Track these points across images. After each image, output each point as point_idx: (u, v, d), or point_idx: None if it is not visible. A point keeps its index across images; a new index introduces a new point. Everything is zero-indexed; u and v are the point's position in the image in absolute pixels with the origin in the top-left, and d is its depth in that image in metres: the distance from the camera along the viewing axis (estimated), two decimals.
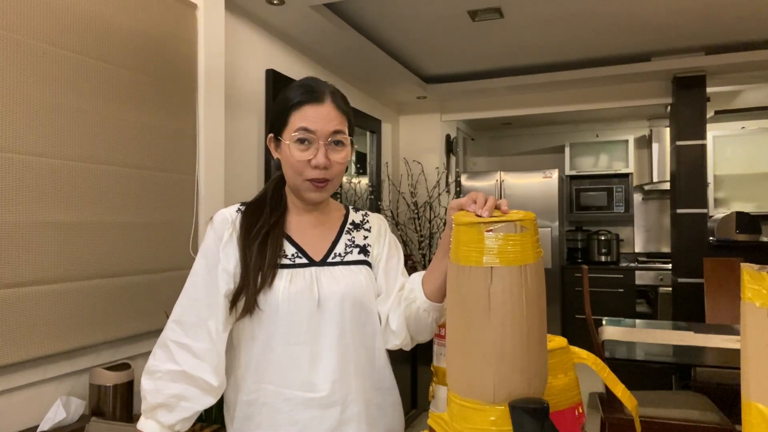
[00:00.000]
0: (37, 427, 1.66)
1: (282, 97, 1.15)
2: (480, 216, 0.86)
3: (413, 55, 4.12)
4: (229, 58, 2.72)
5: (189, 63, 2.29)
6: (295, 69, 3.42)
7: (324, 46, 3.55)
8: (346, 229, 1.23)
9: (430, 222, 4.81)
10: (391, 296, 1.18)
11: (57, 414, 1.66)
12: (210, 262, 1.12)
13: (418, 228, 4.77)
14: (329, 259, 1.16)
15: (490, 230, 0.81)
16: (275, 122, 1.15)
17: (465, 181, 5.60)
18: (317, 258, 1.15)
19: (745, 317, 0.63)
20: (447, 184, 5.14)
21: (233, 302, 1.10)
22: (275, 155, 1.18)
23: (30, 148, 1.66)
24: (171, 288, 2.15)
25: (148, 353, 2.17)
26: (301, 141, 1.10)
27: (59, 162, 1.74)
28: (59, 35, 1.75)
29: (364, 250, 1.21)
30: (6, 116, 1.59)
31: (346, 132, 1.14)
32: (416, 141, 5.20)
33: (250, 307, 1.08)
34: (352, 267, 1.17)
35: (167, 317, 2.25)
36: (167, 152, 2.16)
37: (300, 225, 1.19)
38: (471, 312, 0.82)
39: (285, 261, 1.12)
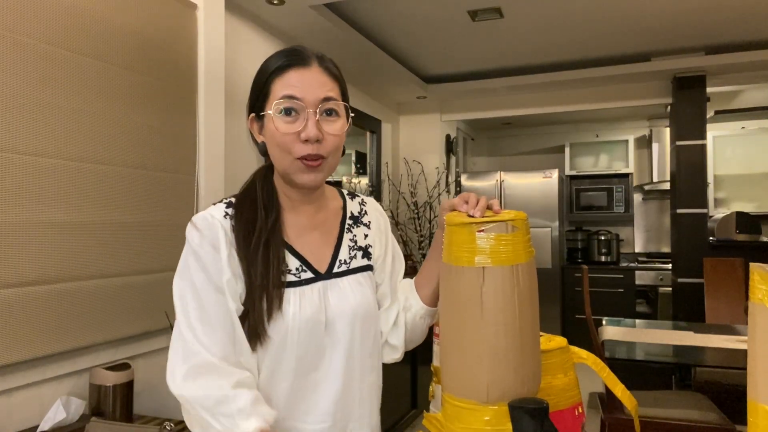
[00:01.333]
0: (37, 427, 1.66)
1: (261, 68, 0.99)
2: (472, 216, 0.86)
3: (413, 55, 4.12)
4: (229, 58, 2.72)
5: (189, 63, 2.29)
6: None
7: (324, 46, 3.55)
8: (346, 226, 1.08)
9: (430, 222, 4.81)
10: (394, 308, 1.09)
11: (57, 414, 1.66)
12: (214, 278, 0.93)
13: (418, 228, 4.77)
14: (335, 269, 1.02)
15: (482, 230, 0.81)
16: (254, 98, 0.98)
17: (465, 181, 5.60)
18: (322, 268, 1.01)
19: (754, 318, 0.62)
20: (447, 184, 5.14)
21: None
22: (259, 139, 1.01)
23: (30, 148, 1.66)
24: (171, 288, 2.15)
25: (148, 353, 2.18)
26: (287, 111, 0.93)
27: (59, 162, 1.74)
28: (59, 35, 1.75)
29: (366, 252, 1.08)
30: (6, 116, 1.59)
31: (339, 98, 0.97)
32: (416, 141, 5.20)
33: (259, 336, 0.93)
34: (359, 276, 1.04)
35: (167, 317, 2.25)
36: (167, 152, 2.16)
37: (297, 227, 1.03)
38: (464, 312, 0.82)
39: (290, 277, 0.97)
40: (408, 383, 3.52)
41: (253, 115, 1.01)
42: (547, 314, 5.27)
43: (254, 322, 0.93)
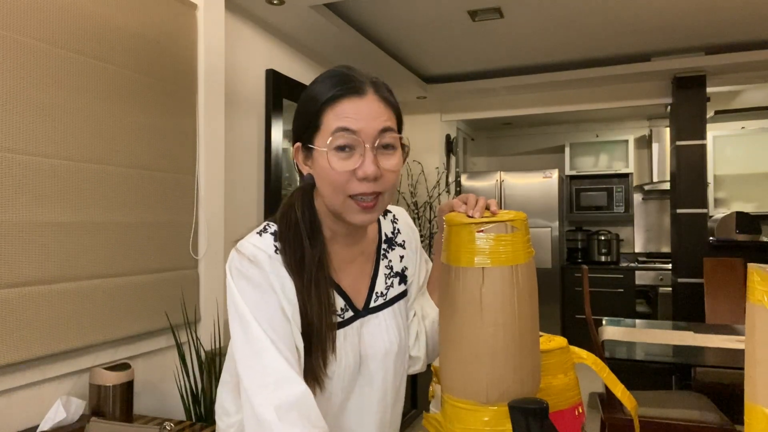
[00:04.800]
0: (37, 427, 1.66)
1: (308, 94, 0.90)
2: (471, 217, 0.85)
3: (413, 55, 4.12)
4: (229, 58, 2.72)
5: (189, 63, 2.29)
6: (295, 69, 3.42)
7: (324, 46, 3.55)
8: (382, 252, 1.02)
9: (430, 222, 4.81)
10: (415, 320, 1.06)
11: (57, 414, 1.66)
12: (280, 312, 0.86)
13: (418, 228, 4.78)
14: (372, 304, 0.98)
15: (481, 231, 0.81)
16: (302, 127, 0.90)
17: (465, 181, 5.60)
18: (360, 304, 0.97)
19: (753, 320, 0.62)
20: (447, 184, 5.14)
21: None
22: (305, 170, 0.92)
23: (30, 148, 1.66)
24: (171, 288, 2.16)
25: (148, 353, 2.18)
26: (341, 148, 0.85)
27: (59, 162, 1.74)
28: (59, 35, 1.75)
29: (402, 276, 1.03)
30: (6, 116, 1.59)
31: (396, 129, 0.89)
32: (416, 141, 5.20)
33: (318, 381, 0.89)
34: (395, 307, 1.01)
35: (167, 317, 2.25)
36: (167, 152, 2.16)
37: (339, 259, 0.96)
38: (463, 312, 0.82)
39: (336, 318, 0.92)
40: (408, 383, 3.52)
41: (299, 144, 0.92)
42: (547, 314, 5.27)
43: (312, 366, 0.89)
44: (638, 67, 4.19)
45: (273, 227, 0.92)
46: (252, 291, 0.86)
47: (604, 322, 3.19)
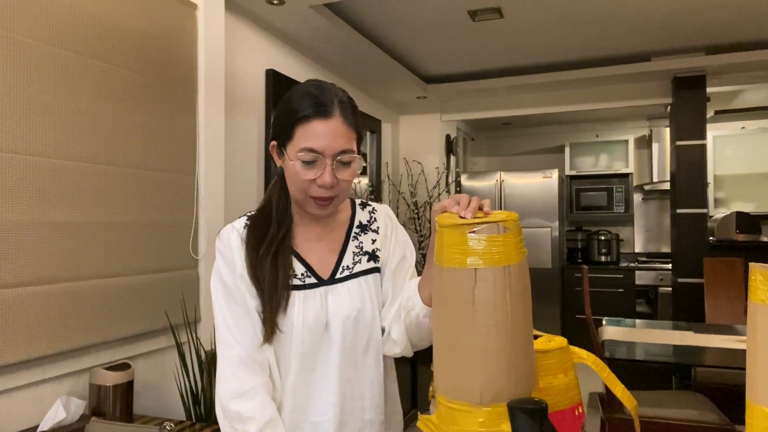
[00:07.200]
0: (37, 427, 1.66)
1: (286, 105, 1.07)
2: (463, 217, 0.85)
3: (413, 55, 4.12)
4: (229, 58, 2.72)
5: (189, 63, 2.29)
6: (295, 69, 3.42)
7: (324, 46, 3.55)
8: (352, 234, 1.17)
9: (429, 222, 4.81)
10: (395, 303, 1.14)
11: (57, 414, 1.66)
12: (237, 276, 1.09)
13: (418, 228, 4.78)
14: (337, 275, 1.12)
15: (474, 231, 0.81)
16: (279, 131, 1.08)
17: (465, 181, 5.60)
18: (326, 275, 1.12)
19: (755, 319, 0.61)
20: (447, 184, 5.14)
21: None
22: (278, 163, 1.12)
23: (30, 148, 1.66)
24: (171, 288, 2.16)
25: (148, 353, 2.18)
26: (307, 161, 1.03)
27: (59, 162, 1.74)
28: (59, 35, 1.75)
29: (373, 255, 1.16)
30: (6, 116, 1.59)
31: (354, 149, 1.07)
32: (416, 141, 5.20)
33: (271, 330, 1.06)
34: (361, 279, 1.13)
35: (167, 317, 2.25)
36: (167, 152, 2.16)
37: (306, 237, 1.14)
38: (456, 314, 0.82)
39: (295, 281, 1.09)
40: (408, 383, 3.52)
41: (274, 143, 1.10)
42: (547, 314, 5.27)
43: (266, 319, 1.06)
44: (638, 67, 4.19)
45: (254, 212, 1.15)
46: (218, 259, 1.11)
47: (604, 322, 3.19)
